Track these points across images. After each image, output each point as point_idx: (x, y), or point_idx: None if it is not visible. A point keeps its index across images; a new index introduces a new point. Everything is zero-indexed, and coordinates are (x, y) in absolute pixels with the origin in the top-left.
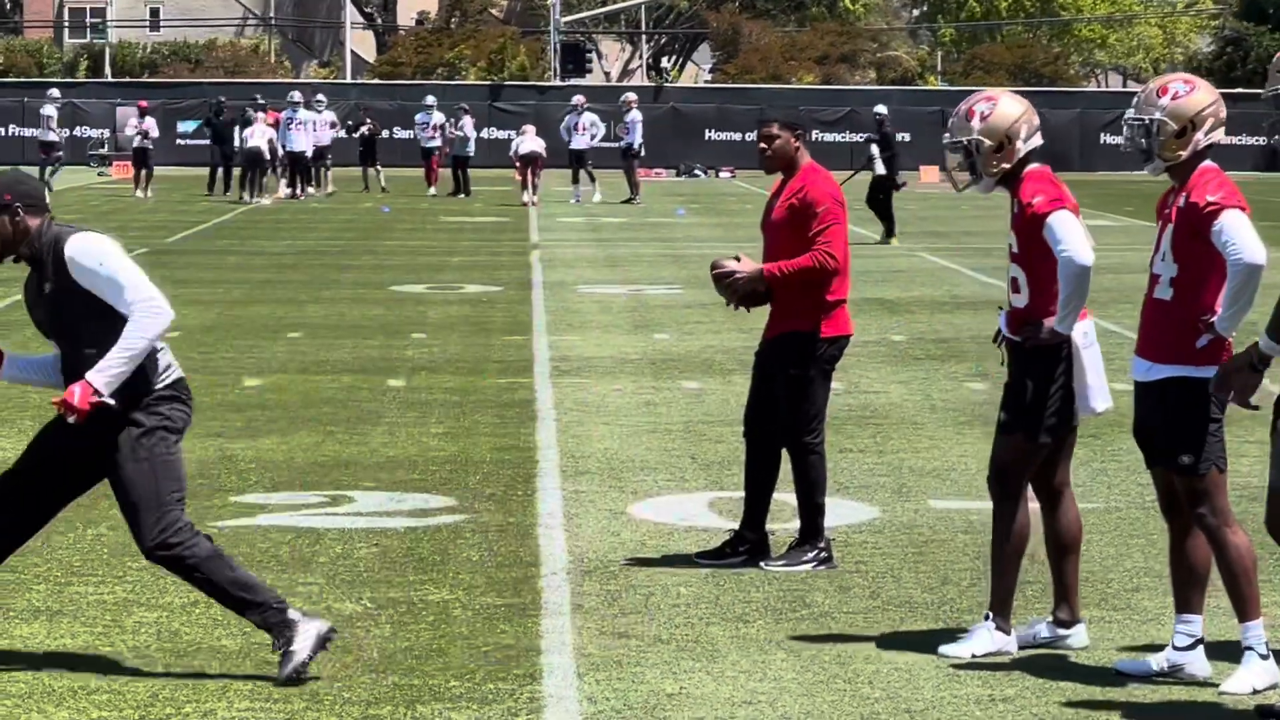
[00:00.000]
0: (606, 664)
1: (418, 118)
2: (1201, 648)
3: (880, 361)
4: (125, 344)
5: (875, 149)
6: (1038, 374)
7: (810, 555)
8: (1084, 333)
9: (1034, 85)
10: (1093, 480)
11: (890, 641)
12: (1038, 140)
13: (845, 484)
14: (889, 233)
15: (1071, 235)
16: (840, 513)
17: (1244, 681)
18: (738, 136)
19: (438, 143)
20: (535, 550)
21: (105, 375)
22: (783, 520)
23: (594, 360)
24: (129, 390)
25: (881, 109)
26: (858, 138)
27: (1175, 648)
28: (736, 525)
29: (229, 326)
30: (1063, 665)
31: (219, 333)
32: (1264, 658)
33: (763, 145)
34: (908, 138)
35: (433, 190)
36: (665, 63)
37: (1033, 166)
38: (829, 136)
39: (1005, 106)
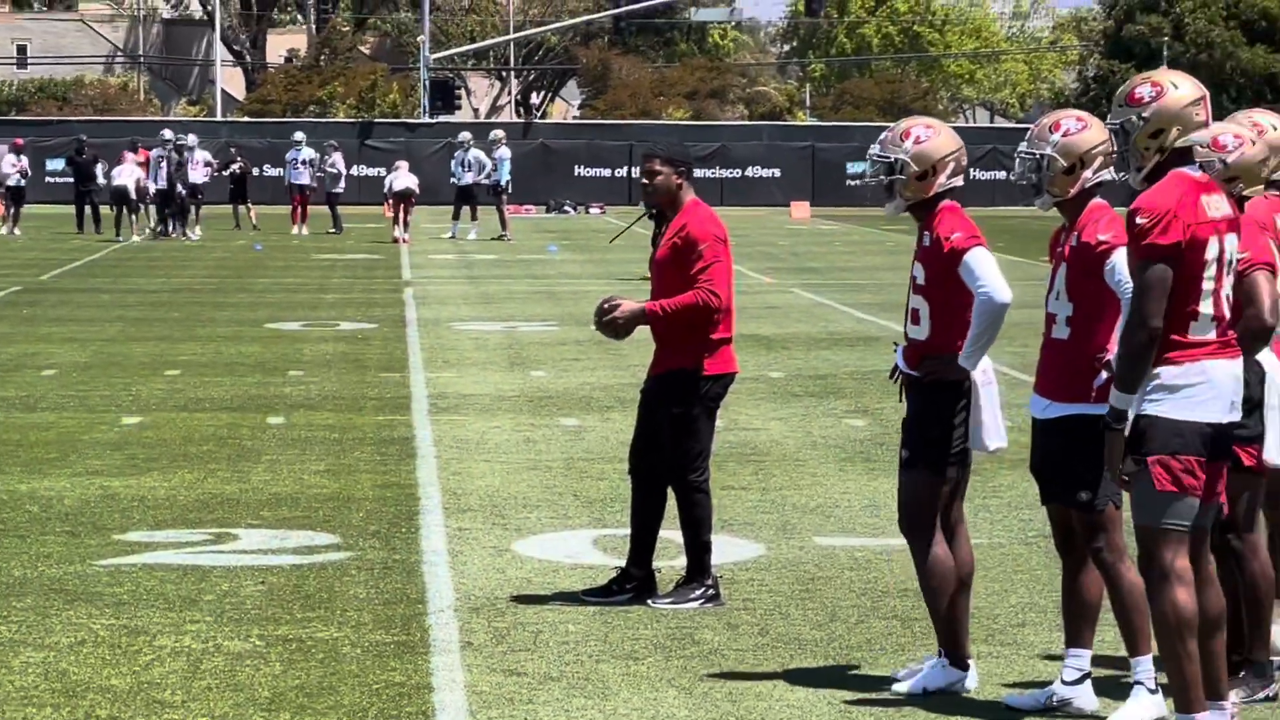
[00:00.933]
0: (499, 701)
1: (288, 155)
2: (1089, 682)
3: (760, 398)
4: None
5: None
6: (940, 408)
7: (698, 593)
8: (984, 370)
9: None
10: (975, 516)
11: (781, 678)
12: (959, 182)
13: (729, 521)
14: None
15: (990, 272)
16: (726, 550)
17: (1132, 715)
18: (607, 172)
19: (306, 180)
20: (421, 587)
21: None
22: (669, 557)
23: (472, 397)
24: None
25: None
26: (728, 173)
27: (1064, 682)
28: (622, 562)
29: (105, 364)
30: (955, 701)
31: (95, 370)
32: (1153, 692)
33: (645, 180)
34: (778, 173)
35: (301, 230)
36: (534, 99)
37: (947, 201)
38: (700, 172)
39: (941, 139)
